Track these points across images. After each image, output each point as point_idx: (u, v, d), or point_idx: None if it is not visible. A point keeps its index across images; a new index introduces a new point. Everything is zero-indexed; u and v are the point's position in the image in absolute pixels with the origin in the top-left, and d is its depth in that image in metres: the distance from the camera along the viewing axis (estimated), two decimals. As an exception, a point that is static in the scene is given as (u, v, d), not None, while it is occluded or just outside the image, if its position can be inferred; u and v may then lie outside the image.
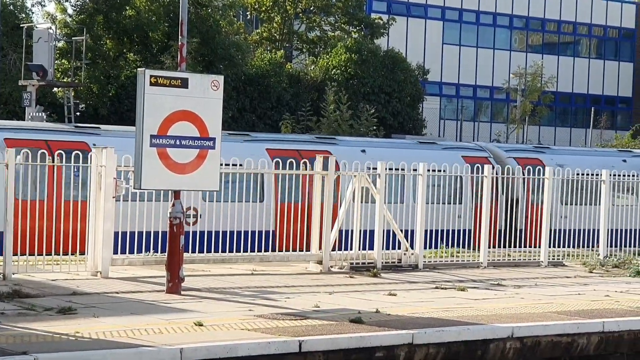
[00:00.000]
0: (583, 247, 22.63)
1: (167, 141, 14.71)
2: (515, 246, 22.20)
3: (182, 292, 14.96)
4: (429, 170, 20.28)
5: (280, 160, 19.61)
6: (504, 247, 21.83)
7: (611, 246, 22.93)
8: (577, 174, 22.56)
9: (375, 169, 19.60)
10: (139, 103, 14.58)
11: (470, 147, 30.68)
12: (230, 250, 18.63)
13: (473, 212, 24.46)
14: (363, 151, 26.31)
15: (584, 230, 22.77)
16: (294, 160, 19.20)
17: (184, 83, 14.83)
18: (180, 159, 14.85)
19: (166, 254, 15.23)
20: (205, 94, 15.01)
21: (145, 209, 17.87)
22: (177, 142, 14.80)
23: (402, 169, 21.06)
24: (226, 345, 11.09)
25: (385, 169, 19.53)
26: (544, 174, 21.91)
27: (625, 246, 23.38)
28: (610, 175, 23.00)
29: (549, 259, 21.58)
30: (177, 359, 10.70)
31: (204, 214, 18.64)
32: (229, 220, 18.59)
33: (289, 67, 45.36)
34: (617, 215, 23.28)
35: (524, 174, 22.25)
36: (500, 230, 22.31)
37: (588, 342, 13.82)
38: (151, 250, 17.70)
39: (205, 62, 39.79)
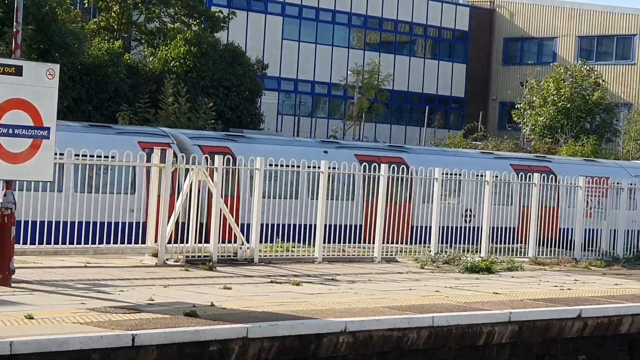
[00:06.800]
0: (416, 243, 23.09)
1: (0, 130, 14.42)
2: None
3: (13, 285, 14.65)
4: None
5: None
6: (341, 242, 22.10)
7: (443, 243, 23.45)
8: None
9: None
10: (-29, 90, 14.24)
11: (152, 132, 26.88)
12: (70, 242, 18.28)
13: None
14: None
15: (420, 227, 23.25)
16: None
17: (18, 71, 14.53)
18: (13, 148, 14.56)
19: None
20: (40, 83, 14.73)
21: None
22: (10, 131, 14.51)
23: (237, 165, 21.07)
24: (57, 339, 10.92)
25: (223, 163, 19.50)
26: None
27: (455, 243, 23.97)
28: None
29: (382, 255, 21.95)
30: (6, 352, 10.48)
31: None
32: (64, 212, 18.26)
33: (127, 57, 44.73)
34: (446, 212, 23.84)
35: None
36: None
37: (418, 336, 14.13)
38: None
39: (40, 50, 38.82)
